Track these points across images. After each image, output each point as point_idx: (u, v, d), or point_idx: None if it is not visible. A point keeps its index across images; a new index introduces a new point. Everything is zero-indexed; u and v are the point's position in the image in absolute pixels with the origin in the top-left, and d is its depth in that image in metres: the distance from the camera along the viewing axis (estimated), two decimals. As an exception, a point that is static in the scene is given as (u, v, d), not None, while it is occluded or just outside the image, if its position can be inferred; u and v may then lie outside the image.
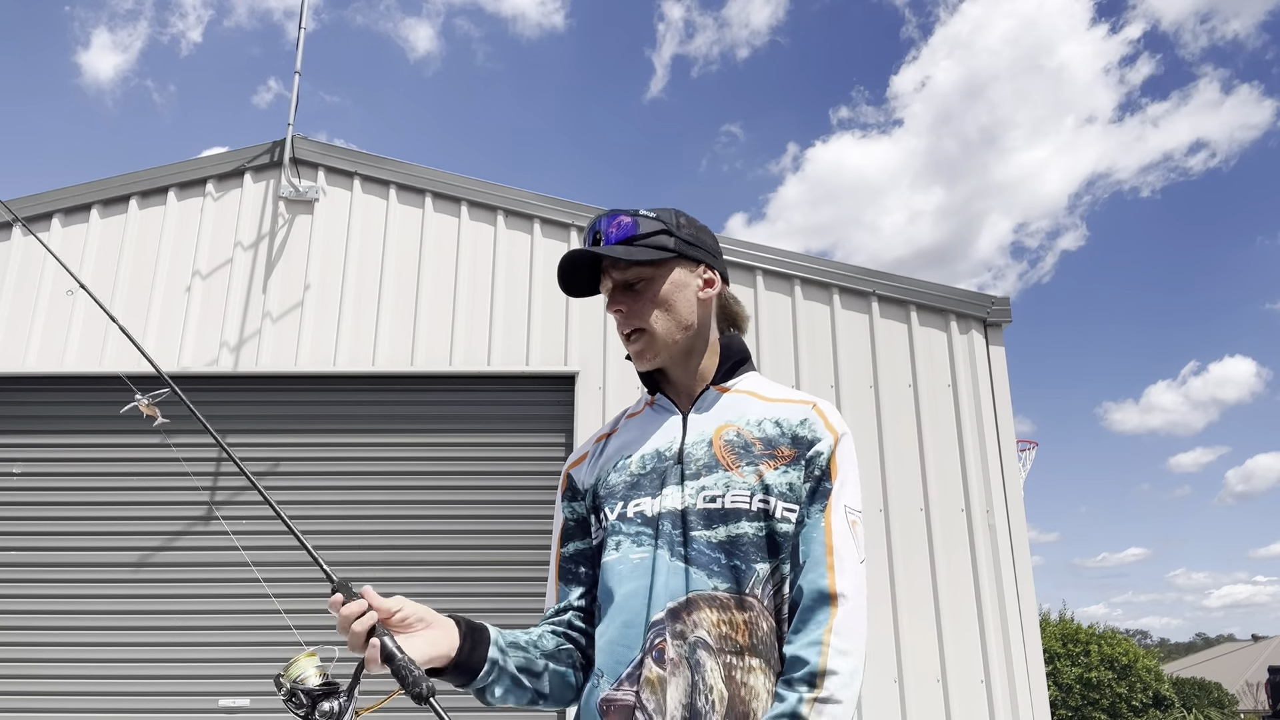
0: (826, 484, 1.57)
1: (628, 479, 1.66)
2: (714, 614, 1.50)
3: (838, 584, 1.49)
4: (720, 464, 1.60)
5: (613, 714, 1.51)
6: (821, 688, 1.42)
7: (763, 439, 1.61)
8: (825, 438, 1.60)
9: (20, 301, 6.41)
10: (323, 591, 5.75)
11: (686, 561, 1.53)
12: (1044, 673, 5.74)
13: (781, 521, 1.55)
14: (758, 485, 1.56)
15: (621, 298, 1.67)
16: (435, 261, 6.53)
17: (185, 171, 6.71)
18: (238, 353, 6.30)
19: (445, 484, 6.17)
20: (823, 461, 1.59)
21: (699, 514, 1.56)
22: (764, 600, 1.52)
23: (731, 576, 1.52)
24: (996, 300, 6.36)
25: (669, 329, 1.66)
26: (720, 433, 1.64)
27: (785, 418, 1.63)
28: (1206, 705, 22.79)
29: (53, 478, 6.18)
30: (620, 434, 1.78)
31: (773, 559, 1.54)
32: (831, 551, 1.52)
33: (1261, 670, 28.34)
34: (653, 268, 1.66)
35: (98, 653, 5.86)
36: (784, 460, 1.59)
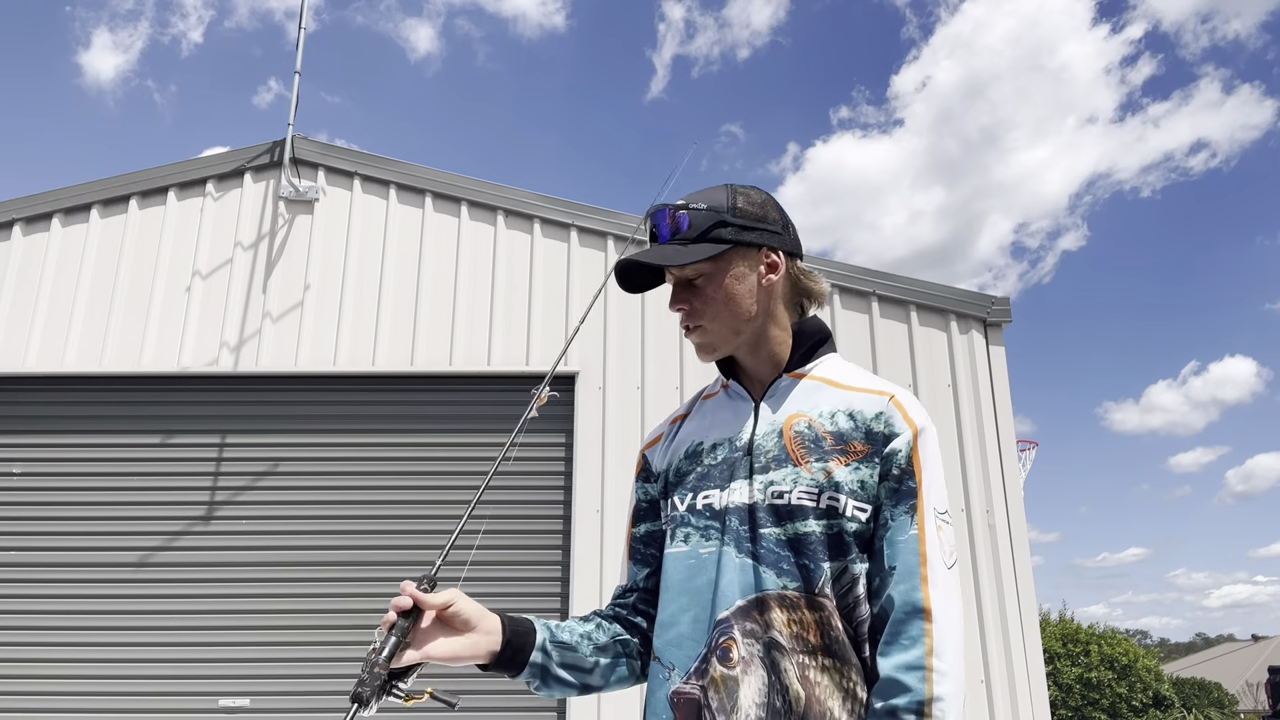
0: (910, 483, 1.51)
1: (699, 469, 1.62)
2: (785, 613, 1.47)
3: (933, 597, 1.45)
4: (789, 458, 1.54)
5: (681, 708, 1.50)
6: (930, 715, 1.39)
7: (834, 433, 1.55)
8: (903, 432, 1.53)
9: (20, 301, 6.41)
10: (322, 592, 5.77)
11: (755, 559, 1.50)
12: (1044, 673, 5.74)
13: (851, 520, 1.49)
14: (826, 482, 1.51)
15: (683, 295, 1.62)
16: (435, 261, 6.53)
17: (185, 171, 6.72)
18: (238, 353, 6.30)
19: (445, 484, 6.17)
20: (902, 459, 1.52)
21: (766, 510, 1.52)
22: (834, 599, 1.48)
23: (800, 575, 1.48)
24: (996, 300, 6.36)
25: (730, 324, 1.61)
26: (791, 423, 1.58)
27: (860, 410, 1.56)
28: (1206, 705, 22.79)
29: (53, 478, 6.18)
30: (694, 418, 1.74)
31: (841, 558, 1.49)
32: (925, 562, 1.47)
33: (1261, 670, 28.34)
34: (710, 263, 1.59)
35: (98, 653, 5.86)
36: (856, 456, 1.52)
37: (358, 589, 5.98)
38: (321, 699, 5.81)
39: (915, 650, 1.42)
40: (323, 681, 5.84)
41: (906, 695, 1.40)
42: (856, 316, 6.39)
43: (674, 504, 1.62)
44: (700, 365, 6.27)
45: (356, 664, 5.87)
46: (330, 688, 5.83)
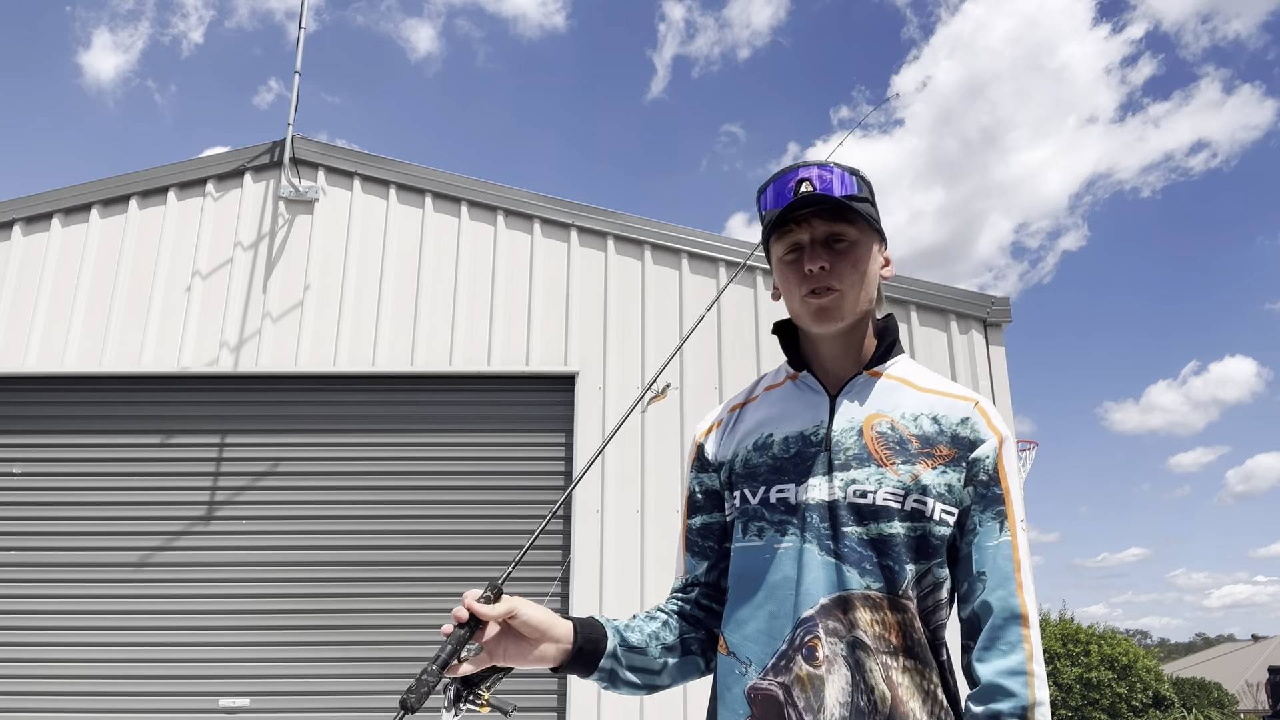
0: (996, 490, 1.51)
1: (769, 461, 1.58)
2: (869, 614, 1.46)
3: (1028, 603, 1.46)
4: (873, 457, 1.52)
5: (760, 704, 1.47)
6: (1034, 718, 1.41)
7: (919, 435, 1.53)
8: (989, 439, 1.53)
9: (20, 301, 6.41)
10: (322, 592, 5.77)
11: (837, 558, 1.48)
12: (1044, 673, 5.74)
13: (939, 524, 1.48)
14: (913, 485, 1.49)
15: (823, 253, 1.55)
16: (435, 261, 6.53)
17: (185, 171, 6.72)
18: (238, 353, 6.30)
19: (445, 484, 6.17)
20: (989, 466, 1.52)
21: (849, 508, 1.49)
22: (916, 601, 1.48)
23: (884, 576, 1.47)
24: (996, 300, 6.36)
25: (858, 297, 1.58)
26: (871, 422, 1.55)
27: (944, 414, 1.55)
28: (1206, 705, 22.79)
29: (53, 478, 6.18)
30: (759, 407, 1.68)
31: (924, 561, 1.48)
32: (1019, 568, 1.48)
33: (1261, 670, 28.33)
34: (860, 231, 1.58)
35: (98, 653, 5.86)
36: (942, 460, 1.51)
37: (358, 589, 5.98)
38: (321, 699, 5.81)
39: (1016, 656, 1.43)
40: (323, 681, 5.84)
41: (1010, 700, 1.41)
42: (856, 316, 6.39)
43: (744, 496, 1.59)
44: (700, 366, 6.27)
45: (356, 664, 5.88)
46: (330, 688, 5.83)
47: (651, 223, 6.57)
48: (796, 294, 1.58)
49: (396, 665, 5.86)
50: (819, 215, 1.56)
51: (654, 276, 6.51)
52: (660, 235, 6.55)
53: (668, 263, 6.53)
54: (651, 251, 6.55)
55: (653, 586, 5.84)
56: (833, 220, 1.56)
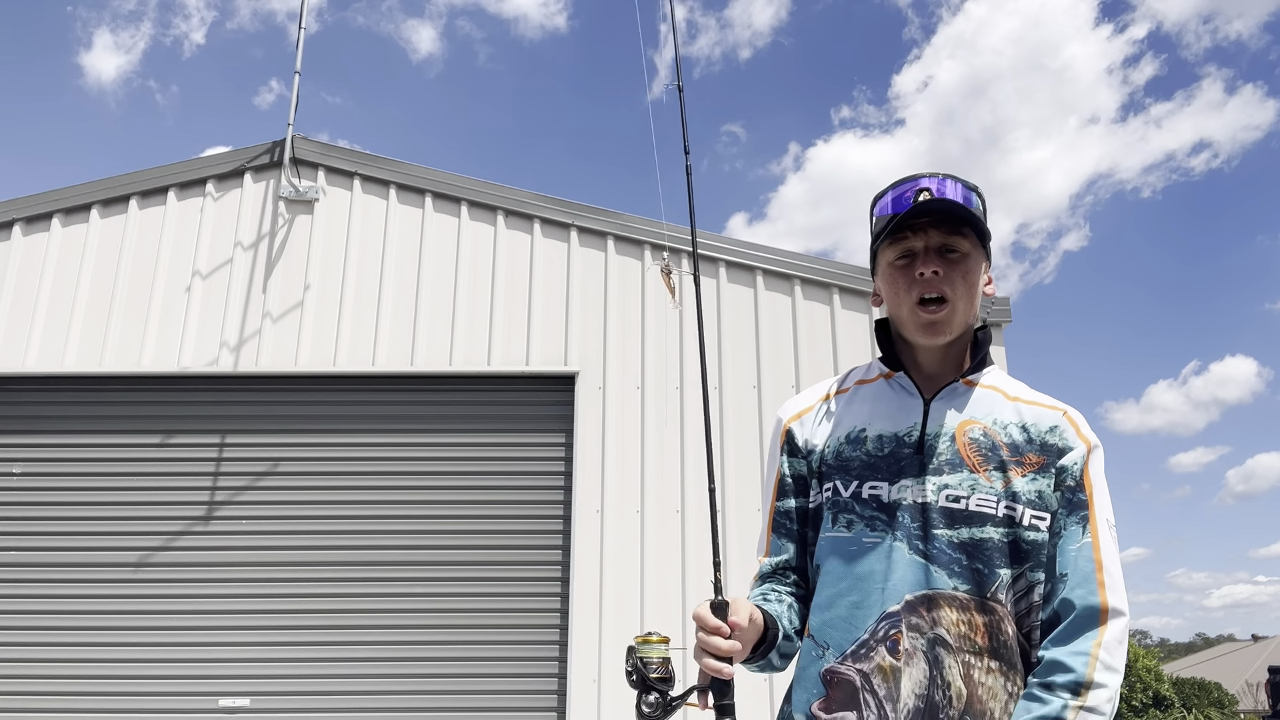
0: (1081, 495, 1.55)
1: (863, 457, 1.62)
2: (954, 613, 1.50)
3: (1110, 600, 1.49)
4: (965, 463, 1.56)
5: (836, 686, 1.52)
6: (1086, 698, 1.42)
7: (1010, 443, 1.58)
8: (1078, 447, 1.58)
9: (20, 301, 6.41)
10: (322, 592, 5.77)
11: (927, 558, 1.53)
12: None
13: (1030, 530, 1.53)
14: (1004, 491, 1.54)
15: (937, 260, 1.59)
16: (435, 261, 6.53)
17: (185, 171, 6.72)
18: (238, 353, 6.30)
19: (445, 484, 6.17)
20: (1076, 471, 1.56)
21: (941, 512, 1.54)
22: (1007, 605, 1.52)
23: (973, 579, 1.51)
24: (996, 300, 6.36)
25: (966, 310, 1.63)
26: (964, 429, 1.60)
27: (1034, 423, 1.60)
28: (1206, 705, 22.79)
29: (53, 478, 6.18)
30: (852, 401, 1.71)
31: (1017, 565, 1.53)
32: (1101, 568, 1.51)
33: (1261, 670, 28.33)
34: (973, 245, 1.62)
35: (98, 653, 5.86)
36: (1032, 467, 1.56)
37: (358, 589, 5.97)
38: (321, 699, 5.81)
39: (1084, 641, 1.46)
40: (323, 681, 5.84)
41: (1067, 674, 1.44)
42: (857, 316, 6.39)
43: (836, 488, 1.62)
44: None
45: (356, 664, 5.88)
46: (330, 688, 5.83)
47: (651, 222, 6.57)
48: (906, 301, 1.62)
49: (396, 665, 5.86)
50: (936, 224, 1.60)
51: (654, 276, 6.51)
52: (660, 235, 6.55)
53: (668, 263, 6.53)
54: (651, 251, 6.55)
55: (653, 586, 5.84)
56: (949, 231, 1.60)
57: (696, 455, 6.08)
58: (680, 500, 6.00)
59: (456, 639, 5.89)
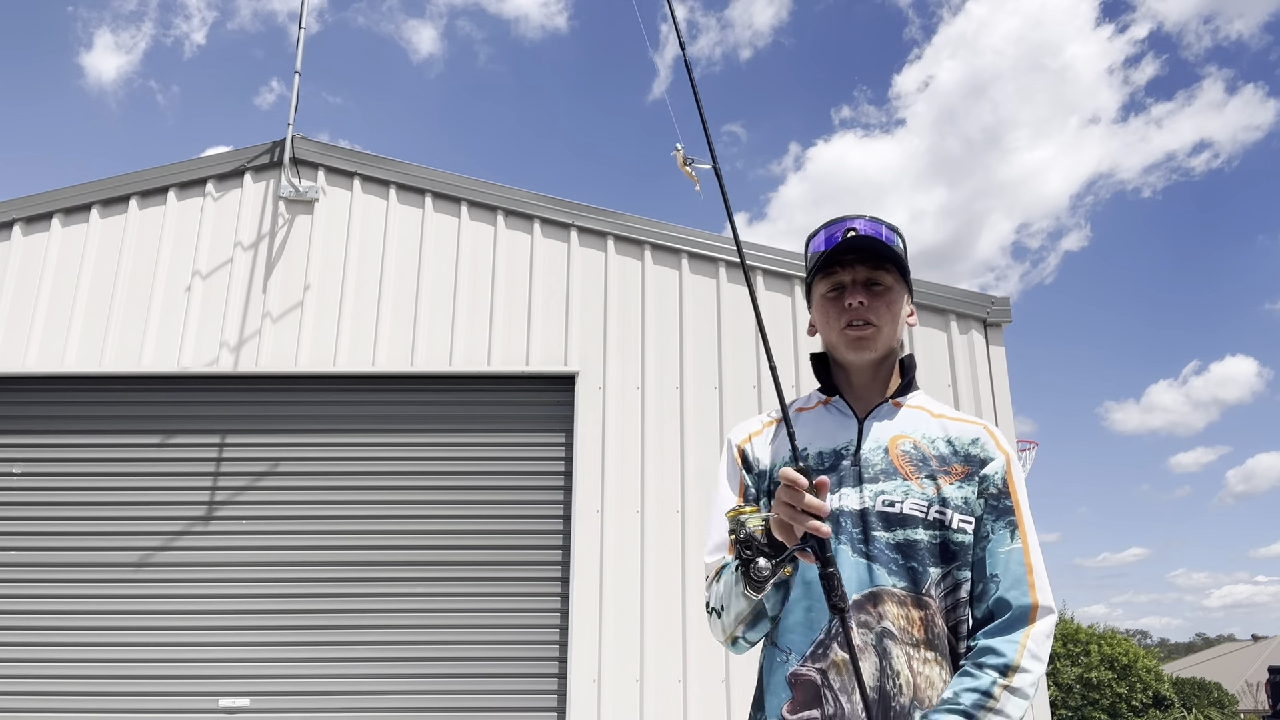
0: (1008, 501, 1.73)
1: None
2: (896, 608, 1.66)
3: (1039, 599, 1.66)
4: (899, 472, 1.74)
5: (799, 688, 1.67)
6: (1012, 679, 1.59)
7: (937, 455, 1.77)
8: (998, 457, 1.77)
9: (20, 301, 6.41)
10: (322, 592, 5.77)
11: (869, 559, 1.68)
12: (1044, 672, 5.74)
13: (958, 532, 1.70)
14: (935, 497, 1.71)
15: (863, 292, 1.81)
16: (435, 261, 6.53)
17: (185, 171, 6.72)
18: (238, 353, 6.30)
19: (445, 484, 6.17)
20: (999, 480, 1.75)
21: (878, 516, 1.70)
22: (938, 600, 1.68)
23: (909, 577, 1.67)
24: (996, 300, 6.36)
25: (889, 336, 1.83)
26: (896, 442, 1.78)
27: (958, 437, 1.80)
28: (1206, 705, 22.79)
29: (53, 478, 6.18)
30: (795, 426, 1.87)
31: (946, 564, 1.70)
32: (1031, 570, 1.68)
33: (1261, 670, 28.33)
34: (894, 279, 1.83)
35: (98, 653, 5.86)
36: (958, 476, 1.74)
37: (358, 589, 5.97)
38: (321, 699, 5.81)
39: (1016, 634, 1.63)
40: (323, 681, 5.84)
41: (998, 658, 1.61)
42: (856, 316, 6.39)
43: None
44: (700, 366, 6.27)
45: (356, 664, 5.87)
46: (330, 688, 5.83)
47: (651, 222, 6.57)
48: (836, 326, 1.83)
49: (396, 665, 5.86)
50: (862, 260, 1.82)
51: (654, 276, 6.51)
52: (660, 235, 6.55)
53: (668, 263, 6.53)
54: (651, 251, 6.55)
55: (653, 586, 5.84)
56: (873, 266, 1.82)
57: (696, 455, 6.08)
58: (680, 500, 6.00)
59: (456, 639, 5.89)
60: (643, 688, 5.67)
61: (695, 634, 5.73)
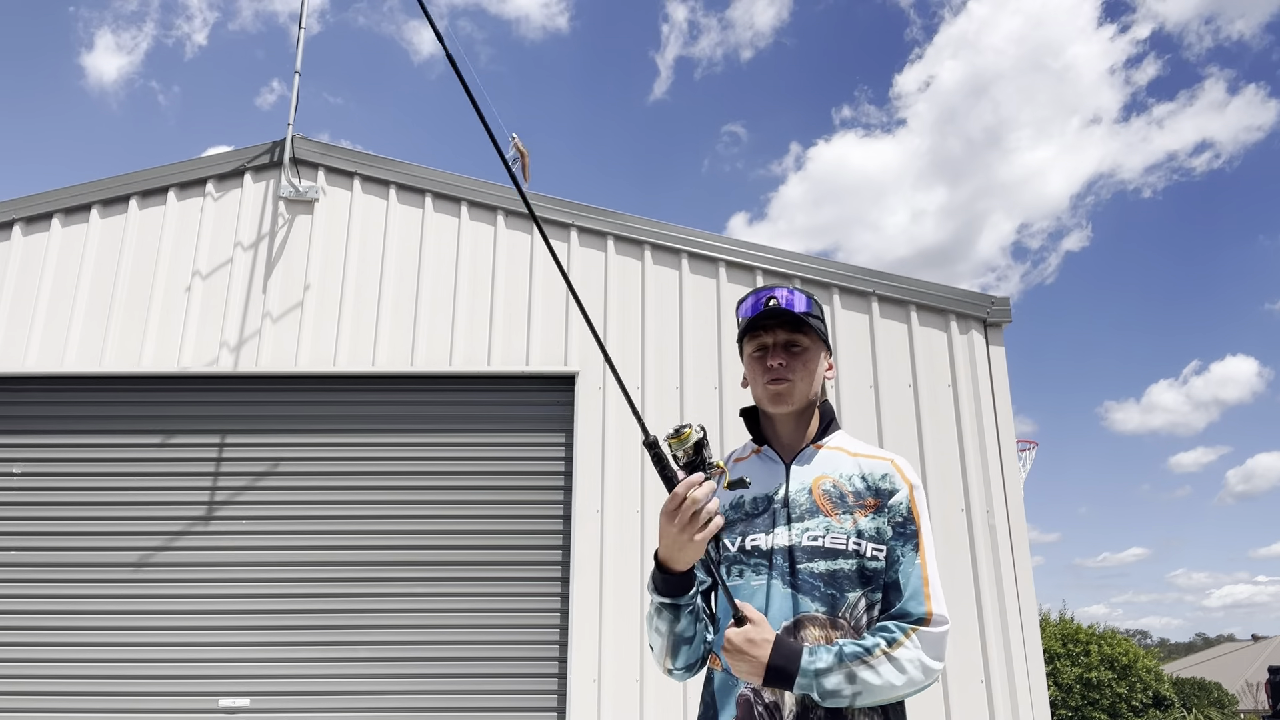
0: (912, 526, 1.98)
1: (742, 517, 2.04)
2: (816, 630, 1.90)
3: (934, 608, 1.91)
4: (820, 510, 1.99)
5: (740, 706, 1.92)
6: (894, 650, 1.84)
7: (854, 491, 2.01)
8: (902, 489, 2.02)
9: (20, 301, 6.41)
10: (322, 592, 5.77)
11: (795, 589, 1.93)
12: (1044, 673, 5.74)
13: (872, 560, 1.94)
14: (852, 530, 1.95)
15: (782, 353, 2.05)
16: (435, 261, 6.53)
17: (185, 171, 6.72)
18: (238, 353, 6.30)
19: (445, 484, 6.17)
20: (904, 509, 1.99)
21: (804, 550, 1.95)
22: (852, 621, 1.92)
23: (829, 602, 1.92)
24: (996, 300, 6.36)
25: (806, 389, 2.06)
26: (818, 483, 2.03)
27: (870, 473, 2.03)
28: (1206, 705, 22.78)
29: (53, 478, 6.18)
30: (732, 473, 2.12)
31: (863, 588, 1.94)
32: (928, 583, 1.93)
33: (1261, 670, 28.33)
34: (811, 341, 2.08)
35: (98, 653, 5.86)
36: (870, 509, 1.99)
37: (358, 589, 5.97)
38: (321, 699, 5.81)
39: (908, 626, 1.88)
40: (323, 681, 5.84)
41: (886, 634, 1.87)
42: (857, 316, 6.39)
43: (724, 546, 2.01)
44: (701, 366, 6.27)
45: (356, 664, 5.87)
46: (330, 688, 5.83)
47: (651, 222, 6.57)
48: (760, 382, 2.07)
49: (396, 665, 5.86)
50: (782, 326, 2.06)
51: (654, 276, 6.51)
52: (660, 235, 6.55)
53: (668, 263, 6.53)
54: (651, 251, 6.55)
55: (653, 586, 5.84)
56: (791, 330, 2.06)
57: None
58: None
59: (456, 639, 5.89)
60: (643, 688, 5.67)
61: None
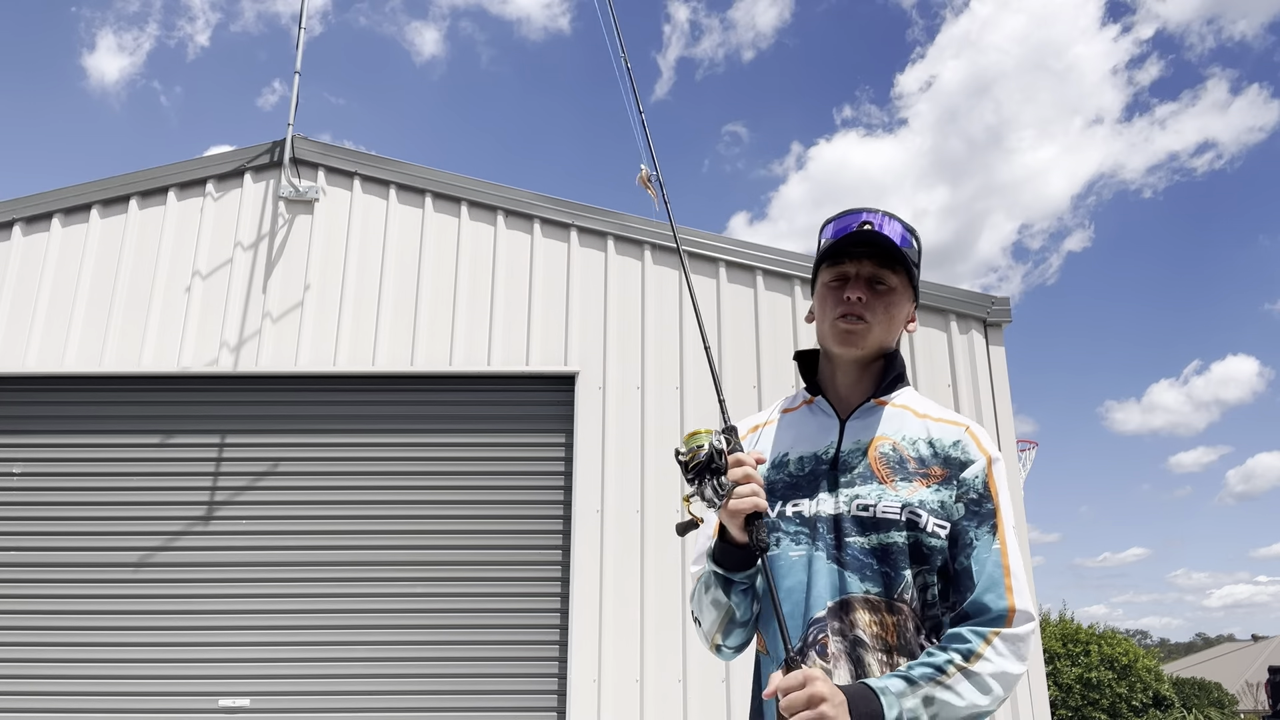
0: (989, 505, 1.69)
1: (785, 479, 1.78)
2: (867, 615, 1.63)
3: (1016, 603, 1.62)
4: (875, 475, 1.71)
5: None
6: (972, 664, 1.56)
7: (916, 457, 1.72)
8: (978, 460, 1.72)
9: (20, 301, 6.41)
10: (322, 592, 5.78)
11: (841, 565, 1.66)
12: (1044, 673, 5.74)
13: (932, 536, 1.66)
14: (911, 499, 1.67)
15: (864, 288, 1.76)
16: (435, 261, 6.52)
17: (185, 171, 6.71)
18: (238, 353, 6.30)
19: (445, 484, 6.17)
20: (979, 484, 1.70)
21: (853, 520, 1.68)
22: (911, 604, 1.65)
23: (882, 581, 1.64)
24: (996, 300, 6.36)
25: (883, 335, 1.79)
26: (876, 444, 1.75)
27: (939, 438, 1.74)
28: (1206, 705, 22.77)
29: (53, 478, 6.18)
30: (777, 428, 1.87)
31: (918, 566, 1.66)
32: (1009, 573, 1.65)
33: (1261, 670, 28.33)
34: (900, 281, 1.79)
35: (98, 653, 5.86)
36: (936, 479, 1.70)
37: (358, 589, 5.97)
38: (321, 699, 5.81)
39: (986, 630, 1.60)
40: (323, 681, 5.84)
41: (962, 644, 1.59)
42: (856, 316, 6.39)
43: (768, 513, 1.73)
44: (700, 366, 6.27)
45: (356, 664, 5.87)
46: (330, 688, 5.83)
47: (651, 222, 6.57)
48: (830, 316, 1.79)
49: (396, 665, 5.85)
50: (870, 256, 1.77)
51: (654, 276, 6.51)
52: (660, 235, 6.54)
53: (667, 263, 6.53)
54: (651, 251, 6.55)
55: (653, 587, 5.84)
56: (880, 264, 1.77)
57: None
58: (680, 500, 5.99)
59: (456, 639, 5.89)
60: (643, 688, 5.67)
61: (695, 634, 5.73)
